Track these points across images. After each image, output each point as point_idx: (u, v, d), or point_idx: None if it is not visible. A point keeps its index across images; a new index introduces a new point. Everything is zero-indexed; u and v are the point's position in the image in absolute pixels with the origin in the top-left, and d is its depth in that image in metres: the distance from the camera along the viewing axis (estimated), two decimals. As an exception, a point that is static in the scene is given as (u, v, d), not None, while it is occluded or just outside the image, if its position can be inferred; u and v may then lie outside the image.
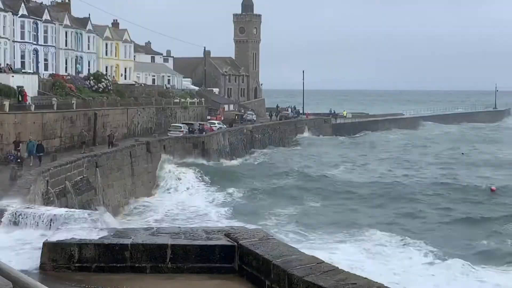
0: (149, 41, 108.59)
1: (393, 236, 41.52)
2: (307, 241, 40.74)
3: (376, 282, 9.47)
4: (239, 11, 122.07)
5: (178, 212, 49.15)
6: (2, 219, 21.27)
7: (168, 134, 68.79)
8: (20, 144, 42.58)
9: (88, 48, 76.70)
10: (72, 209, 27.62)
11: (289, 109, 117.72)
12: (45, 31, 67.63)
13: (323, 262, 10.71)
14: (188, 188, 58.82)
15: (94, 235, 14.04)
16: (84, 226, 15.56)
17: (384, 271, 32.50)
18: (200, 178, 61.93)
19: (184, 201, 54.48)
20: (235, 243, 12.99)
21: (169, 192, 57.45)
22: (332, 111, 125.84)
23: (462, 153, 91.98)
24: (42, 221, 20.47)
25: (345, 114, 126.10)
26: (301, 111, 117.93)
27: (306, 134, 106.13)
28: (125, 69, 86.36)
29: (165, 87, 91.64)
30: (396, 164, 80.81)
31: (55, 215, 20.39)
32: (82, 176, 42.51)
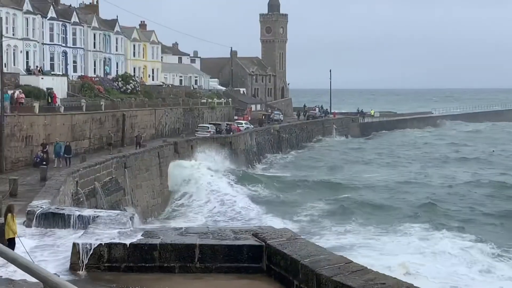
0: (176, 42, 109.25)
1: (429, 230, 41.49)
2: (346, 233, 40.92)
3: (405, 282, 9.41)
4: (265, 11, 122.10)
5: (218, 211, 49.25)
6: (34, 220, 21.50)
7: (196, 134, 68.97)
8: (47, 146, 42.81)
9: (116, 50, 77.31)
10: (101, 210, 27.83)
11: (317, 109, 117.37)
12: (74, 33, 68.33)
13: (352, 262, 10.67)
14: (209, 169, 59.05)
15: (123, 236, 14.15)
16: (113, 227, 15.67)
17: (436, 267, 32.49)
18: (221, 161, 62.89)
19: (211, 183, 55.06)
20: (263, 243, 12.99)
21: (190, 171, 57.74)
22: (360, 110, 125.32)
23: (493, 151, 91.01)
24: (75, 221, 20.65)
25: (372, 113, 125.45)
26: (328, 110, 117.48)
27: (334, 134, 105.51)
28: (153, 70, 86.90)
29: (192, 88, 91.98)
30: (425, 162, 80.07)
31: (85, 215, 20.57)
32: (111, 177, 42.77)
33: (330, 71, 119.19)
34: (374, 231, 42.14)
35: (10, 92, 45.07)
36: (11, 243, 17.30)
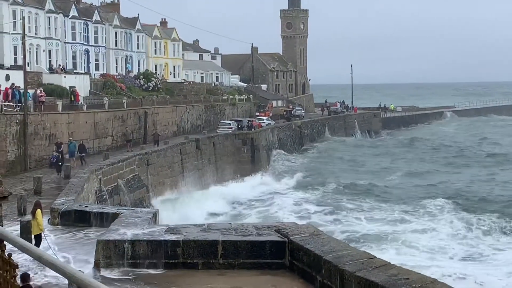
0: (197, 39, 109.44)
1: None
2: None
3: (429, 277, 9.35)
4: (286, 7, 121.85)
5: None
6: (58, 218, 21.71)
7: (217, 131, 69.10)
8: (62, 146, 41.97)
9: (138, 48, 77.65)
10: (125, 207, 27.99)
11: (338, 104, 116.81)
12: (96, 32, 68.74)
13: (375, 257, 10.63)
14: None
15: (146, 232, 14.22)
16: (136, 224, 15.76)
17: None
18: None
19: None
20: (286, 239, 12.98)
21: None
22: (382, 105, 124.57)
23: None
24: (98, 218, 20.81)
25: (392, 108, 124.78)
26: (350, 106, 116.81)
27: (356, 130, 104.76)
28: (174, 67, 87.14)
29: (213, 84, 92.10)
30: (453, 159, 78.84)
31: (108, 213, 20.72)
32: (134, 174, 43.01)
33: (352, 66, 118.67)
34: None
35: (31, 91, 45.32)
36: (37, 240, 17.54)
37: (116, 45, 72.73)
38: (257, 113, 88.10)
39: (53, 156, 40.30)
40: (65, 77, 55.41)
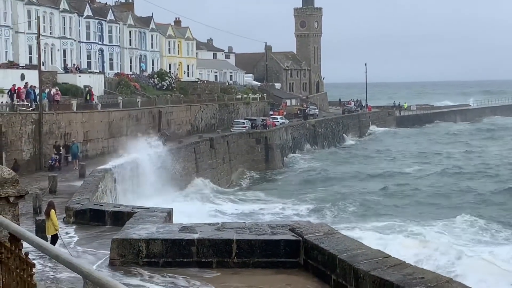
0: (210, 38, 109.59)
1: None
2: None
3: (445, 276, 9.32)
4: (300, 5, 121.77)
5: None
6: (72, 216, 21.82)
7: (231, 130, 69.24)
8: (61, 148, 41.73)
9: (152, 47, 77.87)
10: (139, 206, 28.03)
11: (352, 102, 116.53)
12: (110, 31, 69.00)
13: (390, 256, 10.60)
14: None
15: (161, 231, 14.27)
16: (151, 222, 15.82)
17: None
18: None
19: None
20: (300, 238, 12.97)
21: None
22: (397, 104, 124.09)
23: None
24: (113, 217, 20.89)
25: (405, 106, 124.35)
26: (364, 104, 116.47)
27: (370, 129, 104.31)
28: (188, 66, 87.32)
29: (227, 83, 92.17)
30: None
31: (123, 212, 20.79)
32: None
33: (366, 64, 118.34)
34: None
35: (46, 90, 45.55)
36: (53, 240, 17.64)
37: (130, 44, 72.97)
38: (271, 112, 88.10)
39: (53, 158, 40.27)
40: (79, 76, 55.69)
